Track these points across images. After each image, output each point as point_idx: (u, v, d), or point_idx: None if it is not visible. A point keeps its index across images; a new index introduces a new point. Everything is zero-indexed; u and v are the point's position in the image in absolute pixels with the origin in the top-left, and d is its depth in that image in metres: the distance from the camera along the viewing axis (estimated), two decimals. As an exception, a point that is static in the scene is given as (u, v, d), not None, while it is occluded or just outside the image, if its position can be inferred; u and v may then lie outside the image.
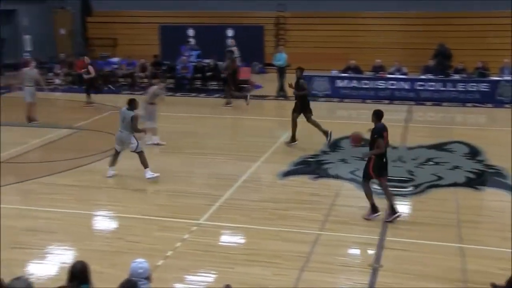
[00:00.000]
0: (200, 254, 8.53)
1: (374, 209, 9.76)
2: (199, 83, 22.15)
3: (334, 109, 19.45)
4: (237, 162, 13.08)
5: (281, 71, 20.85)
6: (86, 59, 19.15)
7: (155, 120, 14.20)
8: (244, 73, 22.26)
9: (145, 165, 11.78)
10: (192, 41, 24.65)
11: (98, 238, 9.18)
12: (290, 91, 21.04)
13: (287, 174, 12.25)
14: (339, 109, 19.62)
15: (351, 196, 10.98)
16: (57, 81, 23.17)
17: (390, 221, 9.56)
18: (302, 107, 14.38)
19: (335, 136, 14.81)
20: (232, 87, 19.33)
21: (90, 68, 18.81)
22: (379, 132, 9.60)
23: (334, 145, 14.34)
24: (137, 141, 11.75)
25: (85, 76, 18.56)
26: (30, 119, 16.65)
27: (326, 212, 10.14)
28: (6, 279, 4.67)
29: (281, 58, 20.91)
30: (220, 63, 21.73)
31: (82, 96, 19.79)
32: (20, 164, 13.09)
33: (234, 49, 21.72)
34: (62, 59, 23.86)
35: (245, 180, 11.90)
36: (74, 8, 28.27)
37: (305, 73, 21.31)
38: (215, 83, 22.08)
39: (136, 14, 26.97)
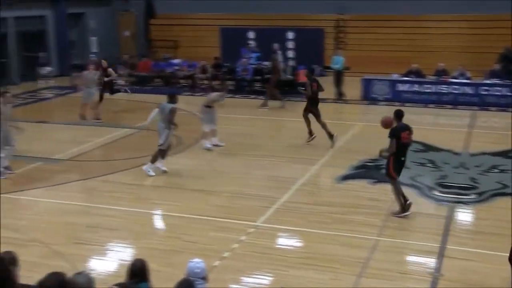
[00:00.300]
0: (257, 256, 8.50)
1: (404, 200, 9.94)
2: (258, 85, 22.16)
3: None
4: (296, 165, 13.00)
5: (339, 75, 20.63)
6: (104, 63, 19.02)
7: (215, 122, 14.29)
8: (303, 76, 22.13)
9: (153, 160, 12.12)
10: (252, 43, 24.69)
11: (156, 237, 9.29)
12: (348, 94, 20.92)
13: (346, 178, 12.08)
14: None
15: (412, 203, 10.70)
16: (120, 81, 23.65)
17: (399, 216, 9.78)
18: (312, 107, 14.64)
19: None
20: (273, 89, 19.35)
21: (110, 70, 18.77)
22: (394, 132, 9.88)
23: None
24: (167, 138, 12.01)
25: (105, 79, 18.35)
26: (82, 117, 17.08)
27: (385, 217, 9.93)
28: (69, 274, 4.74)
29: (338, 61, 20.68)
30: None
31: (145, 97, 20.14)
32: (84, 162, 13.42)
33: (278, 52, 21.56)
34: (125, 61, 24.35)
35: (303, 183, 11.81)
36: (138, 10, 28.85)
37: (365, 76, 21.25)
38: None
39: (197, 17, 27.27)
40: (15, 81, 23.85)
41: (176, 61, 24.35)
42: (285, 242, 9.31)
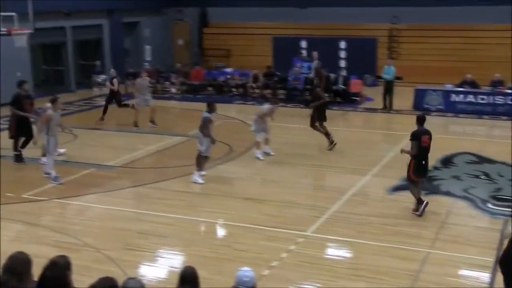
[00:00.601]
0: (305, 265, 8.46)
1: (419, 202, 10.35)
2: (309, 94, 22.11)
3: (448, 124, 18.69)
4: (346, 175, 12.90)
5: (389, 85, 20.37)
6: (113, 72, 19.16)
7: (267, 130, 14.35)
8: (355, 85, 22.01)
9: (199, 167, 12.30)
10: (304, 52, 24.69)
11: (206, 245, 9.35)
12: (401, 105, 20.63)
13: (397, 189, 11.91)
14: (454, 124, 18.80)
15: (463, 215, 10.49)
16: (173, 90, 24.04)
17: (420, 215, 10.23)
18: (319, 115, 14.96)
19: (448, 152, 14.28)
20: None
21: (115, 81, 18.76)
22: (414, 135, 10.36)
23: (447, 161, 13.79)
24: (207, 145, 12.20)
25: (110, 87, 18.49)
26: (135, 124, 17.42)
27: (436, 230, 9.75)
28: (120, 279, 4.83)
29: (389, 72, 20.42)
30: (332, 75, 21.59)
31: (197, 105, 20.35)
32: (136, 169, 13.65)
33: (317, 61, 21.41)
34: (178, 69, 24.72)
35: (354, 193, 11.70)
36: (192, 19, 29.26)
37: (418, 86, 20.92)
38: (326, 95, 21.92)
39: (250, 26, 27.45)
40: (71, 89, 24.52)
41: (228, 69, 24.56)
42: (334, 252, 9.23)
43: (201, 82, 23.75)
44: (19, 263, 4.92)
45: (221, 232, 10.15)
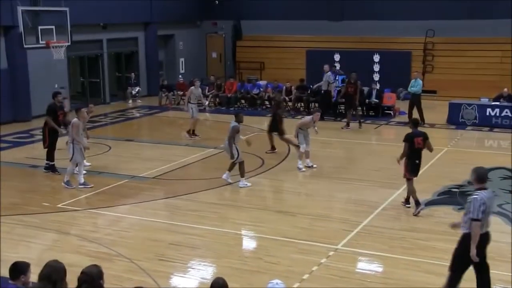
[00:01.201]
0: (336, 279, 8.45)
1: (417, 203, 11.12)
2: (343, 108, 22.08)
3: (483, 138, 18.44)
4: (379, 189, 12.83)
5: (417, 99, 20.18)
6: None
7: (308, 143, 14.44)
8: (389, 99, 21.90)
9: (242, 174, 12.95)
10: (338, 65, 24.69)
11: (238, 257, 9.40)
12: (435, 118, 20.45)
13: (430, 203, 11.81)
14: (489, 138, 18.52)
15: (498, 231, 10.28)
16: (206, 102, 24.24)
17: (416, 215, 11.03)
18: (275, 125, 15.84)
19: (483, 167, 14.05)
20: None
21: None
22: (407, 137, 11.21)
23: (483, 177, 13.57)
24: (237, 152, 12.82)
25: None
26: (193, 133, 17.70)
27: (471, 246, 9.60)
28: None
29: (417, 85, 20.23)
30: (365, 88, 21.53)
31: (229, 118, 20.47)
32: (169, 180, 13.81)
33: (327, 74, 21.31)
34: (212, 82, 24.95)
35: (385, 207, 11.64)
36: (226, 32, 29.53)
37: (453, 100, 20.70)
38: (359, 108, 21.90)
39: (283, 39, 27.59)
40: (106, 101, 24.96)
41: (261, 82, 24.68)
42: (365, 266, 9.19)
43: (234, 95, 23.91)
44: (54, 271, 5.08)
45: (252, 244, 10.20)
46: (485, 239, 7.32)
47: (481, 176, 7.36)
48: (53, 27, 19.30)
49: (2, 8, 19.28)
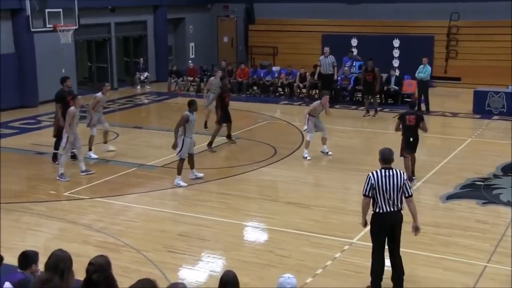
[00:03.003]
0: (350, 274, 8.44)
1: (410, 179, 11.56)
2: (360, 95, 21.99)
3: (510, 129, 18.24)
4: (397, 181, 12.74)
5: (424, 85, 20.05)
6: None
7: (323, 129, 14.59)
8: (409, 86, 21.75)
9: (178, 171, 12.42)
10: (355, 51, 24.55)
11: (248, 249, 9.43)
12: (460, 107, 20.30)
13: (452, 197, 11.74)
14: (517, 129, 18.33)
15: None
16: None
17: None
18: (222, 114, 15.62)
19: (510, 159, 13.99)
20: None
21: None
22: (400, 115, 12.64)
23: (508, 169, 13.49)
24: (182, 145, 12.26)
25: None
26: (206, 126, 17.55)
27: (495, 242, 9.55)
28: (159, 281, 4.92)
29: (425, 71, 20.06)
30: (384, 75, 21.41)
31: (241, 105, 20.51)
32: (178, 169, 13.83)
33: (323, 57, 21.18)
34: (223, 67, 24.90)
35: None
36: (237, 16, 29.44)
37: (478, 88, 20.50)
38: (376, 96, 21.79)
39: (298, 23, 27.41)
40: (114, 86, 25.01)
41: (274, 68, 24.61)
42: (383, 262, 9.16)
43: (246, 81, 23.87)
44: (61, 260, 5.13)
45: (263, 236, 10.20)
46: (382, 218, 7.65)
47: (384, 157, 7.82)
48: (61, 10, 19.38)
49: (9, -9, 19.43)
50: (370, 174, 7.69)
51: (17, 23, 20.27)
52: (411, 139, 12.24)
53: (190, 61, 26.41)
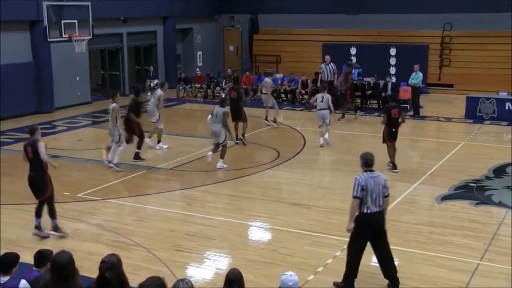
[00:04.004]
0: (351, 272, 8.36)
1: (395, 167, 13.18)
2: (359, 101, 21.93)
3: (501, 133, 18.19)
4: (394, 183, 12.65)
5: (416, 91, 20.02)
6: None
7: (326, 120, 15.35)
8: (405, 92, 21.68)
9: (222, 156, 13.62)
10: (354, 59, 24.50)
11: (252, 248, 9.38)
12: (453, 113, 20.23)
13: (446, 198, 11.68)
14: (507, 133, 18.19)
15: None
16: (223, 95, 24.18)
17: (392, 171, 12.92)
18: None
19: (501, 161, 13.94)
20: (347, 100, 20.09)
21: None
22: (386, 108, 13.67)
23: (500, 171, 13.43)
24: (225, 136, 13.51)
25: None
26: (274, 121, 18.31)
27: (487, 241, 9.49)
28: (167, 279, 4.89)
29: (417, 77, 20.01)
30: (381, 81, 21.36)
31: (245, 110, 20.42)
32: (186, 171, 13.82)
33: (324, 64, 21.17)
34: (229, 75, 24.89)
35: (401, 201, 11.53)
36: (243, 26, 29.43)
37: (471, 94, 20.44)
38: (375, 101, 21.75)
39: (300, 33, 27.40)
40: (126, 93, 25.03)
41: (277, 75, 24.58)
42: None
43: (251, 88, 23.83)
44: (64, 266, 5.04)
45: (267, 236, 10.15)
46: (370, 218, 7.54)
47: (367, 161, 7.77)
48: (76, 21, 19.47)
49: (28, 3, 19.50)
50: (358, 177, 7.56)
51: (35, 34, 20.34)
52: (393, 130, 13.15)
53: (197, 69, 26.40)
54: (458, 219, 10.51)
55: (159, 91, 15.70)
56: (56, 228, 9.68)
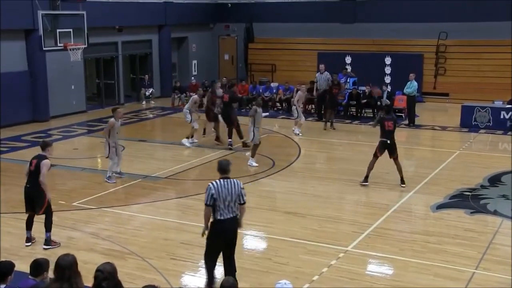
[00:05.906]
0: (346, 281, 8.41)
1: (366, 179, 13.00)
2: (354, 110, 22.03)
3: (496, 142, 18.25)
4: (389, 191, 12.77)
5: (411, 100, 20.15)
6: None
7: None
8: (400, 101, 21.80)
9: (253, 154, 14.54)
10: (349, 68, 24.62)
11: (247, 257, 9.39)
12: (448, 121, 20.32)
13: (441, 206, 11.73)
14: (502, 142, 18.27)
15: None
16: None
17: (362, 183, 13.02)
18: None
19: (497, 170, 14.01)
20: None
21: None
22: (378, 120, 13.28)
23: (495, 180, 13.50)
24: (254, 134, 14.37)
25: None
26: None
27: (482, 250, 9.54)
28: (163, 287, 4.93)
29: (412, 86, 20.14)
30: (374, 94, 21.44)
31: (240, 119, 20.47)
32: (181, 180, 13.84)
33: (319, 73, 21.30)
34: (224, 83, 24.93)
35: (396, 209, 11.58)
36: (238, 35, 29.52)
37: (466, 103, 20.55)
38: (369, 110, 21.85)
39: (295, 41, 27.49)
40: (121, 102, 25.06)
41: (272, 84, 24.67)
42: (375, 268, 9.12)
43: (246, 97, 23.89)
44: (66, 268, 5.11)
45: (262, 244, 10.17)
46: (223, 224, 7.67)
47: (222, 168, 7.91)
48: (71, 30, 19.48)
49: (23, 12, 19.55)
50: (211, 185, 7.69)
51: (30, 42, 20.37)
52: (388, 142, 12.85)
53: (193, 77, 26.47)
54: (453, 227, 10.56)
55: (111, 119, 14.16)
56: (48, 242, 9.67)
